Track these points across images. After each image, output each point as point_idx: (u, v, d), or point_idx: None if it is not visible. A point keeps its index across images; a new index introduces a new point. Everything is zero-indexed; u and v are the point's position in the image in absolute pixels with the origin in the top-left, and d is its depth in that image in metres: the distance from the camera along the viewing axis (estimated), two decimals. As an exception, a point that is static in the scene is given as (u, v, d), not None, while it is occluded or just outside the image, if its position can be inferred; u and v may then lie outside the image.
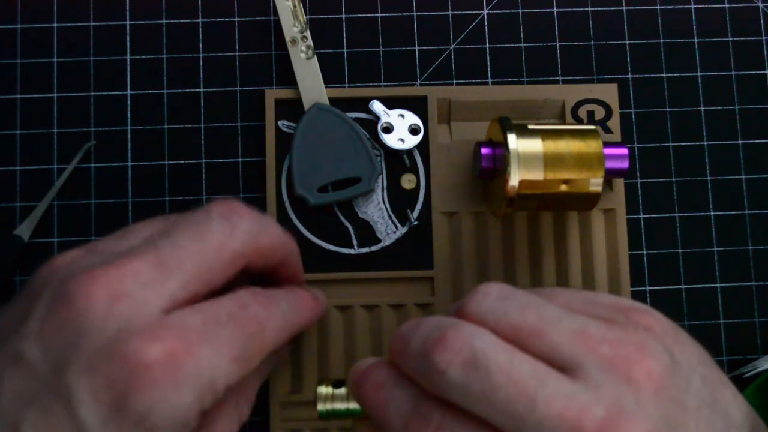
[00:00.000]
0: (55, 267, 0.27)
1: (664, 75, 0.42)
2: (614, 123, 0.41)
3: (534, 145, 0.35)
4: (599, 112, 0.41)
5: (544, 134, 0.36)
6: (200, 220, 0.28)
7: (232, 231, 0.28)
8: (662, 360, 0.24)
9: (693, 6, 0.43)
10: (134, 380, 0.24)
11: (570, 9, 0.43)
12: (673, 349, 0.25)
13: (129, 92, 0.41)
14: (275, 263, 0.32)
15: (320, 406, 0.30)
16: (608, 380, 0.23)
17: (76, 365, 0.24)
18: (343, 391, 0.30)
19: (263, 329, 0.28)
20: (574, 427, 0.23)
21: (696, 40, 0.43)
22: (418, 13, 0.43)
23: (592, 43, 0.43)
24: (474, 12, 0.43)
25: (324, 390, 0.30)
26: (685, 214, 0.41)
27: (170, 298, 0.26)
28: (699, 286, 0.41)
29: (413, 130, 0.40)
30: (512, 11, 0.43)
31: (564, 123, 0.41)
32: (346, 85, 0.42)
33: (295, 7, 0.40)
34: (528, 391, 0.23)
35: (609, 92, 0.41)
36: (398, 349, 0.27)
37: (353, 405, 0.30)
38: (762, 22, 0.43)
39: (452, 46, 0.42)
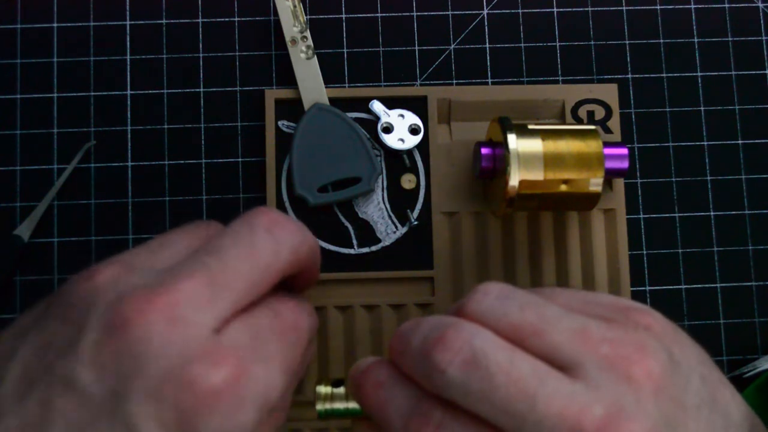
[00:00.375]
0: (98, 286, 0.26)
1: (664, 75, 0.42)
2: (614, 123, 0.41)
3: (534, 145, 0.35)
4: (599, 112, 0.41)
5: (544, 134, 0.36)
6: (245, 235, 0.27)
7: (278, 248, 0.28)
8: (662, 359, 0.24)
9: (693, 6, 0.43)
10: (202, 405, 0.24)
11: (570, 9, 0.43)
12: (673, 349, 0.25)
13: (129, 92, 0.41)
14: (303, 269, 0.31)
15: (319, 406, 0.30)
16: (608, 380, 0.23)
17: (138, 393, 0.24)
18: (342, 390, 0.30)
19: (300, 335, 0.28)
20: (573, 426, 0.23)
21: (696, 40, 0.43)
22: (418, 13, 0.43)
23: (592, 43, 0.43)
24: (474, 12, 0.43)
25: (323, 389, 0.30)
26: (685, 214, 0.41)
27: (221, 318, 0.26)
28: (699, 286, 0.41)
29: (413, 130, 0.40)
30: (512, 11, 0.43)
31: (564, 123, 0.41)
32: (346, 85, 0.42)
33: (295, 7, 0.40)
34: (528, 390, 0.23)
35: (609, 92, 0.41)
36: (398, 348, 0.27)
37: (352, 404, 0.30)
38: (762, 22, 0.43)
39: (452, 46, 0.42)
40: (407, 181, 0.40)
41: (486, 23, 0.43)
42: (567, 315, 0.25)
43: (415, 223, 0.40)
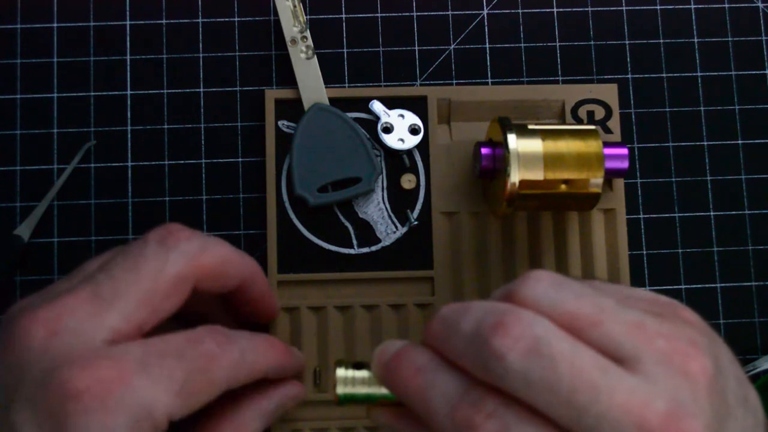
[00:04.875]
0: (9, 313, 0.28)
1: (664, 75, 0.42)
2: (614, 123, 0.41)
3: (534, 145, 0.35)
4: (599, 112, 0.41)
5: (544, 134, 0.36)
6: (136, 249, 0.29)
7: (167, 254, 0.28)
8: (712, 356, 0.24)
9: (693, 6, 0.43)
10: (67, 408, 0.25)
11: (570, 9, 0.43)
12: (713, 346, 0.25)
13: (129, 92, 0.41)
14: (234, 285, 0.32)
15: (340, 390, 0.28)
16: (666, 374, 0.23)
17: (19, 400, 0.26)
18: (364, 374, 0.28)
19: (213, 365, 0.28)
20: (637, 420, 0.22)
21: (696, 40, 0.43)
22: (418, 13, 0.43)
23: (592, 43, 0.43)
24: (474, 12, 0.43)
25: (343, 373, 0.28)
26: (685, 214, 0.41)
27: (111, 329, 0.27)
28: (699, 286, 0.41)
29: (413, 130, 0.40)
30: (512, 11, 0.43)
31: (564, 123, 0.41)
32: (346, 85, 0.42)
33: (295, 7, 0.40)
34: (592, 381, 0.22)
35: (609, 92, 0.41)
36: (441, 332, 0.26)
37: (374, 390, 0.28)
38: (762, 22, 0.43)
39: (452, 46, 0.42)
40: (407, 181, 0.40)
41: (486, 23, 0.43)
42: (622, 307, 0.25)
43: (415, 223, 0.40)
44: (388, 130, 0.40)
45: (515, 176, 0.35)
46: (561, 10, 0.43)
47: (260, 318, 0.36)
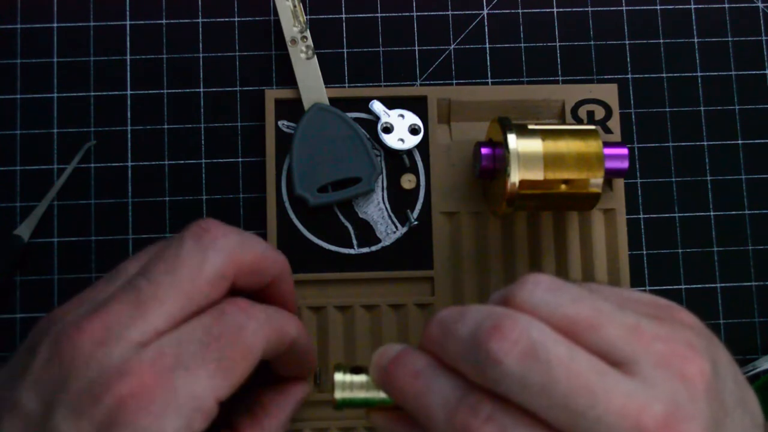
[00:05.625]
0: (52, 319, 0.28)
1: (664, 75, 0.42)
2: (614, 123, 0.41)
3: (534, 145, 0.35)
4: (599, 112, 0.41)
5: (544, 134, 0.36)
6: (174, 249, 0.29)
7: (204, 253, 0.28)
8: (710, 358, 0.24)
9: (693, 6, 0.43)
10: (113, 416, 0.25)
11: (570, 9, 0.43)
12: (710, 348, 0.25)
13: (129, 92, 0.41)
14: (266, 282, 0.31)
15: (338, 394, 0.28)
16: (663, 378, 0.23)
17: (62, 408, 0.26)
18: (363, 378, 0.28)
19: (242, 333, 0.28)
20: (634, 424, 0.22)
21: (696, 40, 0.43)
22: (418, 13, 0.43)
23: (592, 43, 0.43)
24: (474, 12, 0.43)
25: (341, 377, 0.28)
26: (685, 214, 0.41)
27: (153, 332, 0.27)
28: (699, 286, 0.41)
29: (413, 130, 0.40)
30: (512, 11, 0.43)
31: (564, 123, 0.41)
32: (346, 85, 0.42)
33: (295, 7, 0.40)
34: (589, 385, 0.23)
35: (609, 92, 0.41)
36: (439, 336, 0.26)
37: (372, 394, 0.28)
38: (762, 22, 0.43)
39: (452, 46, 0.42)
40: (407, 181, 0.40)
41: (486, 23, 0.43)
42: (620, 310, 0.25)
43: (415, 223, 0.40)
44: (388, 130, 0.40)
45: (515, 176, 0.35)
46: (561, 10, 0.43)
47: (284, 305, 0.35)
